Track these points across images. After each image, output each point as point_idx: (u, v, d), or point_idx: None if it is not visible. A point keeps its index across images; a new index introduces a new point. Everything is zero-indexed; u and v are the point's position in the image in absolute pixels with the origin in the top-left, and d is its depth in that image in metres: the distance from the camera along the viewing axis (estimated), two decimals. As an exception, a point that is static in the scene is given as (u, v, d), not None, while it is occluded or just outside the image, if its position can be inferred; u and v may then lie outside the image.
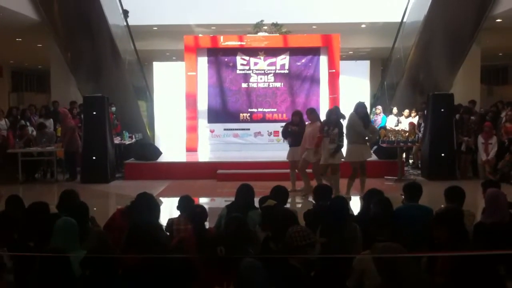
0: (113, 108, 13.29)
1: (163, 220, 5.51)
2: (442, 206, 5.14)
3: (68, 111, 12.45)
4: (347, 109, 9.80)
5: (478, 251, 3.59)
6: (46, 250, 3.69)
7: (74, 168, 11.85)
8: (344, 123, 9.04)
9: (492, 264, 3.63)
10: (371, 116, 14.91)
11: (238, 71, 14.14)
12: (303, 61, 14.07)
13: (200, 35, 15.80)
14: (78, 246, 4.10)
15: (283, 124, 10.17)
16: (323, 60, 14.04)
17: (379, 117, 14.48)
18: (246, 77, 14.13)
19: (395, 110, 14.16)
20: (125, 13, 15.40)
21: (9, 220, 4.43)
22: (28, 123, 12.75)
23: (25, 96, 24.61)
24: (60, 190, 5.58)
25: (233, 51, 14.12)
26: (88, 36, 13.43)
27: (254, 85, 14.13)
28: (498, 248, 3.77)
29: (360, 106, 9.21)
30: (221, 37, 14.22)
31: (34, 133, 12.34)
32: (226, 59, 14.16)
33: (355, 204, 8.41)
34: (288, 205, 5.99)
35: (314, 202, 5.89)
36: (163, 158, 12.53)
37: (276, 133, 13.53)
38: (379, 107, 14.93)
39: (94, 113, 11.44)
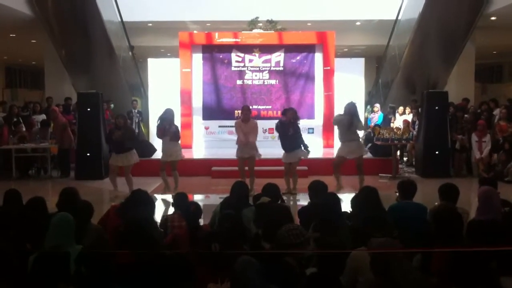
0: (112, 105, 13.19)
1: (158, 217, 5.51)
2: (436, 203, 5.16)
3: (57, 107, 12.41)
4: (342, 106, 9.87)
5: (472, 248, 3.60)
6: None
7: (68, 164, 11.81)
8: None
9: (486, 262, 3.64)
10: (366, 114, 14.93)
11: (233, 68, 14.09)
12: (298, 58, 14.03)
13: (195, 31, 15.75)
14: (74, 243, 4.08)
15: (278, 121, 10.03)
16: (318, 57, 14.00)
17: (376, 115, 14.42)
18: (241, 74, 14.09)
19: (401, 109, 14.00)
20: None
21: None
22: (21, 120, 12.70)
23: (19, 93, 24.53)
24: (54, 186, 5.57)
25: (228, 48, 14.07)
26: (83, 32, 13.36)
27: (249, 82, 14.08)
28: (492, 246, 3.78)
29: (347, 107, 9.45)
30: (216, 34, 14.17)
31: (24, 128, 12.30)
32: (221, 56, 14.11)
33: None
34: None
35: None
36: (157, 155, 12.48)
37: (271, 130, 13.48)
38: (377, 105, 14.82)
39: (89, 109, 11.43)
